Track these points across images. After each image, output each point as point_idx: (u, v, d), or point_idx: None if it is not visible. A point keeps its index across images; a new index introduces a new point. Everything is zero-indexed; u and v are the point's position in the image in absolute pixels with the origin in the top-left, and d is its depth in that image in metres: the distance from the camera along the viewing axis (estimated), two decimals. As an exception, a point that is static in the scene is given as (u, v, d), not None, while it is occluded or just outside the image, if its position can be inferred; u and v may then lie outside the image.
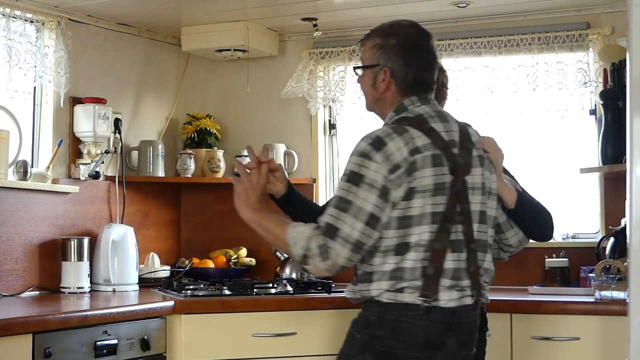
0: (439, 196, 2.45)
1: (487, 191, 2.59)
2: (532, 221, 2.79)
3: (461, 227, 2.49)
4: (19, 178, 3.95)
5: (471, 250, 2.51)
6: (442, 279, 2.44)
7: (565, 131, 4.40)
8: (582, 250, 4.15)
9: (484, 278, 2.58)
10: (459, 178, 2.50)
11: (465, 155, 2.54)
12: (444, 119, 2.56)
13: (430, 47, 2.63)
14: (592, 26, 4.23)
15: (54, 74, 4.09)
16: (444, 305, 2.44)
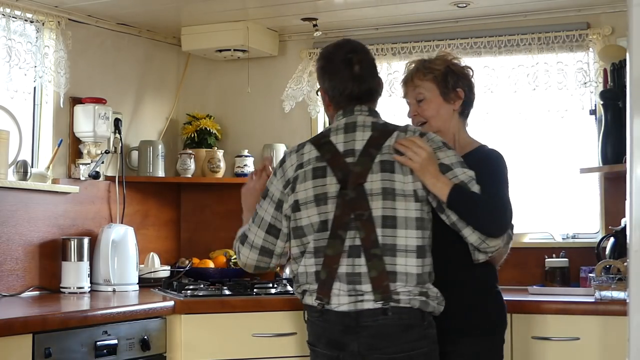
0: (324, 205, 2.65)
1: (395, 194, 2.62)
2: (469, 214, 2.69)
3: (358, 233, 2.59)
4: (19, 178, 3.95)
5: (374, 256, 2.57)
6: (335, 283, 2.60)
7: (565, 131, 4.40)
8: (582, 250, 4.15)
9: (397, 283, 2.58)
10: (350, 186, 2.63)
11: (364, 162, 2.65)
12: (351, 130, 2.72)
13: (353, 61, 2.77)
14: (592, 26, 4.23)
15: (54, 74, 4.09)
16: (336, 309, 2.60)
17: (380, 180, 2.63)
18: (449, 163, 2.70)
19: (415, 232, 2.61)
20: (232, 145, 4.89)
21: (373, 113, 2.82)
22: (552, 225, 4.38)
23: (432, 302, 2.64)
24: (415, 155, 2.64)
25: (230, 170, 4.76)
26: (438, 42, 4.49)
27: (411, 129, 2.77)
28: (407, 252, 2.59)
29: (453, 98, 2.98)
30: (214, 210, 4.83)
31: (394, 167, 2.65)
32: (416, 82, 2.98)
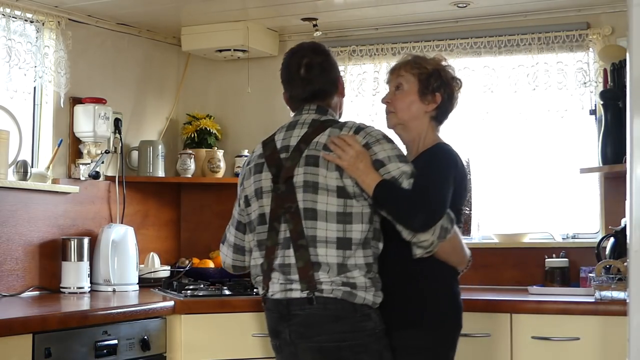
0: (262, 199, 2.81)
1: (317, 187, 2.70)
2: (392, 209, 2.70)
3: (288, 226, 2.72)
4: (19, 178, 3.95)
5: (300, 247, 2.69)
6: (274, 273, 2.75)
7: (565, 131, 4.40)
8: (582, 250, 4.15)
9: (320, 273, 2.66)
10: (282, 180, 2.76)
11: (294, 157, 2.77)
12: (292, 127, 2.85)
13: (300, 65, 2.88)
14: (592, 26, 4.23)
15: (54, 74, 4.09)
16: (271, 297, 2.76)
17: (303, 174, 2.73)
18: (383, 158, 2.73)
19: (335, 225, 2.68)
20: (232, 145, 4.89)
21: (321, 111, 2.88)
22: (552, 225, 4.38)
23: (360, 292, 2.68)
24: (343, 153, 2.70)
25: (230, 170, 4.76)
26: (438, 42, 4.49)
27: (349, 125, 2.81)
28: (327, 243, 2.67)
29: (429, 100, 2.96)
30: (214, 210, 4.83)
31: (318, 161, 2.74)
32: (401, 72, 2.99)
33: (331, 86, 2.93)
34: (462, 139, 4.59)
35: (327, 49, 2.98)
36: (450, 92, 3.00)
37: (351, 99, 4.63)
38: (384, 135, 2.81)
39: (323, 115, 2.87)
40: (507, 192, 4.57)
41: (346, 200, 2.70)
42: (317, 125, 2.82)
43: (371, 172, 2.70)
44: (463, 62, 4.45)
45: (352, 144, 2.71)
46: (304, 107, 2.89)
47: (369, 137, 2.77)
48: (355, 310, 2.67)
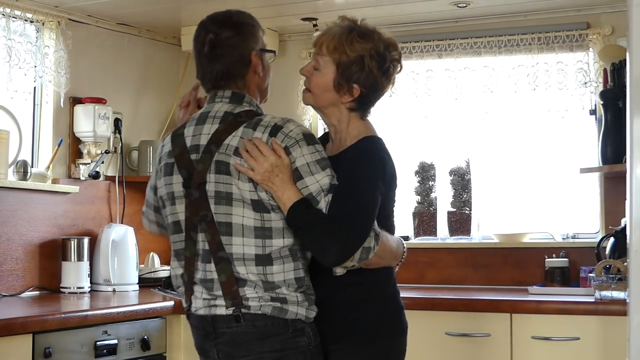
0: (175, 205, 2.49)
1: (231, 199, 2.38)
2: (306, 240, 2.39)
3: (205, 236, 2.42)
4: (19, 178, 3.95)
5: (221, 259, 2.39)
6: (196, 286, 2.46)
7: (565, 131, 4.40)
8: (582, 250, 4.15)
9: (246, 288, 2.37)
10: (195, 185, 2.43)
11: (205, 160, 2.43)
12: (202, 121, 2.49)
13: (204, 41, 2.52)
14: (592, 26, 4.23)
15: (54, 74, 4.09)
16: (195, 312, 2.48)
17: (214, 183, 2.40)
18: (301, 166, 2.38)
19: (254, 240, 2.37)
20: (232, 145, 4.88)
21: (235, 99, 2.49)
22: (552, 225, 4.38)
23: (291, 307, 2.39)
24: (256, 164, 2.34)
25: (230, 170, 4.76)
26: (438, 42, 4.49)
27: (264, 123, 2.42)
28: (244, 261, 2.37)
29: (344, 91, 2.55)
30: (214, 210, 4.82)
31: (230, 169, 2.39)
32: (322, 49, 2.57)
33: (239, 66, 2.50)
34: (462, 139, 4.60)
35: (241, 20, 2.59)
36: (373, 83, 2.56)
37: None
38: (304, 135, 2.42)
39: (237, 106, 2.47)
40: (507, 192, 4.57)
41: (263, 215, 2.37)
42: (229, 120, 2.43)
43: (287, 188, 2.35)
44: (463, 62, 4.45)
45: (267, 154, 2.34)
46: (217, 94, 2.51)
47: (287, 139, 2.39)
48: (287, 326, 2.39)
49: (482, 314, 3.67)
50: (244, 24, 2.59)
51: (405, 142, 4.72)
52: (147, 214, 2.73)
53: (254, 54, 2.52)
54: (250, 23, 2.61)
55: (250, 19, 2.64)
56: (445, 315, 3.74)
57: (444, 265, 4.45)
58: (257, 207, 2.37)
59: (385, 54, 2.57)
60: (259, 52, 2.55)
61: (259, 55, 2.54)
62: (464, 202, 4.48)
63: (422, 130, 4.67)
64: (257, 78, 2.54)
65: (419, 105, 4.52)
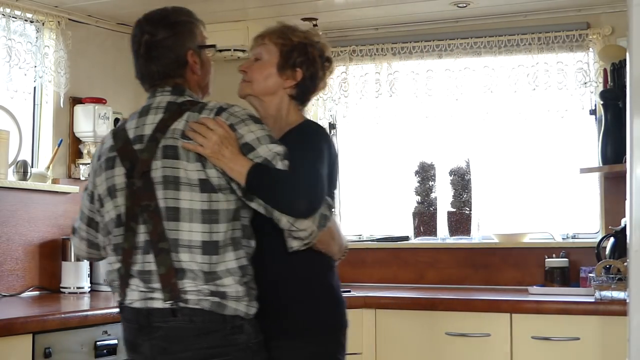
0: (117, 198, 2.44)
1: (179, 183, 2.35)
2: (270, 194, 2.36)
3: (147, 227, 2.37)
4: (19, 178, 3.95)
5: (161, 250, 2.34)
6: (132, 279, 2.40)
7: (565, 131, 4.40)
8: (582, 250, 4.15)
9: (185, 281, 2.32)
10: (138, 175, 2.40)
11: (150, 148, 2.40)
12: (145, 113, 2.49)
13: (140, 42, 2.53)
14: (592, 26, 4.23)
15: (54, 74, 4.09)
16: (129, 305, 2.41)
17: (161, 168, 2.37)
18: (251, 140, 2.38)
19: (200, 225, 2.33)
20: (232, 145, 4.87)
21: (177, 91, 2.49)
22: (552, 225, 4.38)
23: (231, 303, 2.34)
24: (204, 140, 2.35)
25: (230, 170, 4.76)
26: (438, 42, 4.49)
27: (209, 107, 2.43)
28: (191, 248, 2.33)
29: (287, 75, 2.62)
30: (214, 210, 4.82)
31: (178, 152, 2.37)
32: (265, 40, 2.65)
33: (175, 67, 2.50)
34: (462, 139, 4.61)
35: (177, 19, 2.57)
36: (314, 71, 2.64)
37: (355, 102, 4.63)
38: (250, 115, 2.44)
39: (180, 97, 2.47)
40: (507, 192, 4.57)
41: (211, 195, 2.34)
42: (173, 109, 2.43)
43: (239, 158, 2.35)
44: (463, 62, 4.45)
45: (214, 128, 2.35)
46: (157, 90, 2.51)
47: (233, 117, 2.40)
48: (225, 322, 2.33)
49: (482, 314, 3.67)
50: (180, 22, 2.56)
51: (405, 142, 4.72)
52: (79, 231, 2.66)
53: (190, 53, 2.51)
54: (186, 21, 2.58)
55: (188, 15, 2.60)
56: (445, 315, 3.74)
57: (444, 265, 4.45)
58: (205, 187, 2.34)
59: (322, 48, 2.68)
60: (197, 50, 2.53)
61: (196, 54, 2.53)
62: (464, 202, 4.48)
63: (422, 130, 4.67)
64: (196, 77, 2.54)
65: (419, 106, 4.52)
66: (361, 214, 4.80)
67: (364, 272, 4.56)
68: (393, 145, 4.74)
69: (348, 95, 4.65)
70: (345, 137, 4.83)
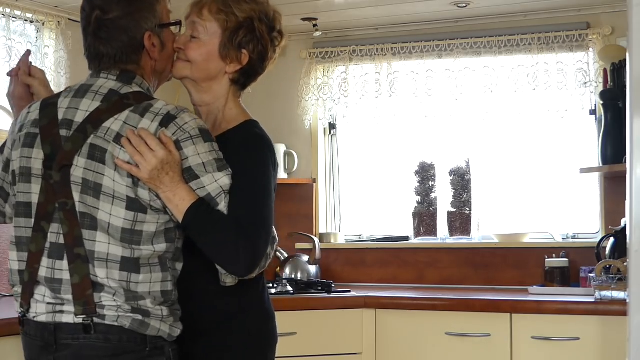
0: (30, 184, 2.12)
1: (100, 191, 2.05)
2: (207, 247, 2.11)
3: (62, 228, 2.07)
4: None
5: (77, 257, 2.05)
6: (37, 287, 2.11)
7: (565, 131, 4.40)
8: (582, 250, 4.15)
9: (103, 294, 2.05)
10: (57, 167, 2.08)
11: (76, 140, 2.08)
12: (82, 94, 2.14)
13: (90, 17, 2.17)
14: (592, 26, 4.23)
15: (54, 74, 4.09)
16: (34, 319, 2.13)
17: (83, 168, 2.06)
18: (195, 165, 2.09)
19: (120, 243, 2.05)
20: (232, 145, 4.87)
21: (124, 78, 2.16)
22: (552, 225, 4.38)
23: (154, 322, 2.09)
24: (142, 161, 2.03)
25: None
26: (438, 42, 4.49)
27: (155, 109, 2.09)
28: (107, 262, 2.04)
29: (231, 58, 2.28)
30: (214, 210, 4.82)
31: (105, 158, 2.06)
32: (204, 13, 2.27)
33: (128, 51, 2.16)
34: (462, 139, 4.61)
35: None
36: (262, 50, 2.30)
37: (355, 102, 4.63)
38: (200, 130, 2.11)
39: (125, 86, 2.14)
40: (507, 192, 4.57)
41: (137, 215, 2.05)
42: (114, 100, 2.10)
43: (180, 187, 2.06)
44: (463, 62, 4.45)
45: (155, 149, 2.03)
46: (102, 69, 2.17)
47: (181, 132, 2.08)
48: (145, 344, 2.07)
49: (482, 314, 3.67)
50: None
51: (405, 142, 4.72)
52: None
53: (147, 36, 2.16)
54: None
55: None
56: (445, 315, 3.75)
57: (444, 265, 4.45)
58: (133, 205, 2.06)
59: (274, 19, 2.33)
60: (156, 32, 2.18)
61: (156, 35, 2.18)
62: (464, 202, 4.48)
63: (422, 130, 4.67)
64: (153, 62, 2.21)
65: (419, 105, 4.52)
66: (361, 214, 4.80)
67: (364, 272, 4.56)
68: (393, 145, 4.74)
69: (348, 95, 4.65)
70: (345, 137, 4.83)
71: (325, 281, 4.16)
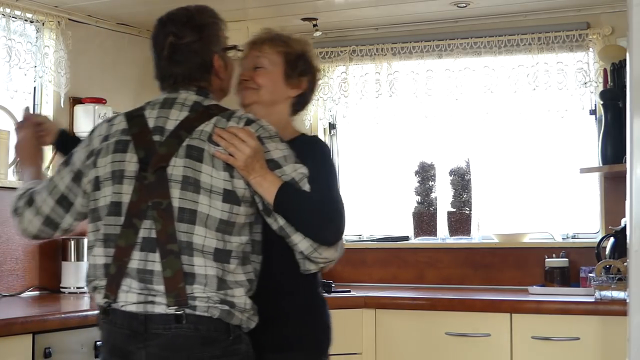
0: (122, 185, 2.30)
1: (199, 186, 2.25)
2: (299, 218, 2.32)
3: (154, 224, 2.24)
4: (19, 178, 3.94)
5: (170, 252, 2.21)
6: (125, 279, 2.24)
7: (565, 131, 4.40)
8: (582, 250, 4.15)
9: (195, 287, 2.21)
10: (152, 169, 2.28)
11: (171, 144, 2.30)
12: (168, 106, 2.39)
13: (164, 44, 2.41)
14: (592, 26, 4.23)
15: (54, 74, 4.09)
16: (122, 308, 2.24)
17: (182, 167, 2.27)
18: (278, 157, 2.34)
19: (215, 233, 2.24)
20: (232, 145, 4.88)
21: (202, 92, 2.42)
22: (552, 225, 4.38)
23: (238, 313, 2.26)
24: (236, 151, 2.27)
25: (230, 170, 4.76)
26: (438, 42, 4.49)
27: (238, 115, 2.38)
28: (204, 253, 2.23)
29: (294, 84, 2.58)
30: (214, 210, 4.82)
31: (203, 156, 2.28)
32: (265, 48, 2.58)
33: (201, 71, 2.42)
34: (462, 139, 4.61)
35: (204, 21, 2.46)
36: (313, 80, 2.64)
37: (355, 102, 4.63)
38: (276, 132, 2.39)
39: (205, 99, 2.41)
40: (507, 192, 4.57)
41: (232, 207, 2.26)
42: (200, 110, 2.35)
43: (269, 173, 2.30)
44: (463, 62, 4.45)
45: (246, 140, 2.28)
46: (180, 87, 2.43)
47: (263, 130, 2.35)
48: (229, 332, 2.25)
49: (482, 314, 3.67)
50: (207, 25, 2.46)
51: (405, 142, 4.72)
52: (39, 204, 2.48)
53: (216, 57, 2.44)
54: (212, 22, 2.49)
55: (213, 17, 2.52)
56: (445, 315, 3.75)
57: (443, 265, 4.45)
58: (228, 197, 2.26)
59: (314, 58, 2.67)
60: (222, 54, 2.47)
61: (221, 57, 2.46)
62: (464, 202, 4.48)
63: (422, 130, 4.67)
64: (219, 80, 2.48)
65: (419, 105, 4.52)
66: (361, 214, 4.80)
67: (364, 272, 4.56)
68: (393, 145, 4.74)
69: (348, 95, 4.65)
70: (345, 137, 4.83)
71: (325, 281, 4.15)
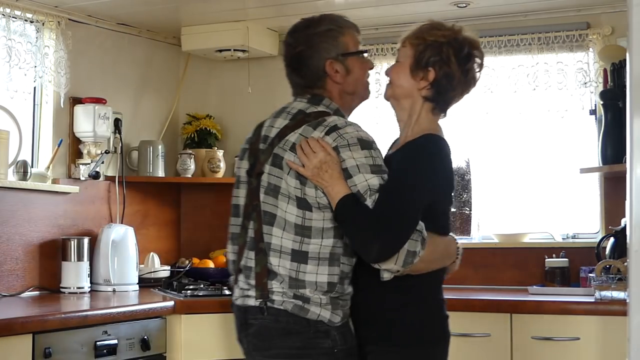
0: (239, 189, 2.62)
1: (278, 192, 2.46)
2: (349, 234, 2.44)
3: (254, 225, 2.51)
4: (19, 178, 3.95)
5: (260, 250, 2.48)
6: (240, 275, 2.56)
7: (565, 131, 4.40)
8: (582, 250, 4.15)
9: (274, 282, 2.45)
10: (254, 174, 2.55)
11: (267, 152, 2.53)
12: (279, 114, 2.60)
13: (285, 54, 2.66)
14: (592, 26, 4.23)
15: (54, 74, 4.09)
16: (234, 302, 2.59)
17: (268, 174, 2.50)
18: (350, 166, 2.42)
19: (292, 235, 2.44)
20: (232, 145, 4.88)
21: (314, 100, 2.57)
22: (552, 225, 4.38)
23: (313, 307, 2.43)
24: (307, 160, 2.43)
25: (230, 170, 4.76)
26: (438, 42, 4.48)
27: (326, 123, 2.48)
28: (280, 253, 2.44)
29: (420, 75, 2.57)
30: (214, 210, 4.83)
31: (282, 163, 2.49)
32: (406, 42, 2.63)
33: (314, 78, 2.58)
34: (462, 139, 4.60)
35: (317, 30, 2.60)
36: (448, 70, 2.55)
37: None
38: (359, 139, 2.45)
39: (312, 106, 2.55)
40: (507, 192, 4.57)
41: (305, 212, 2.43)
42: (298, 118, 2.52)
43: (337, 183, 2.41)
44: (463, 62, 4.44)
45: (317, 151, 2.42)
46: (297, 95, 2.64)
47: (340, 139, 2.45)
48: (309, 326, 2.42)
49: (482, 314, 3.67)
50: (318, 33, 2.60)
51: (405, 142, 4.71)
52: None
53: (328, 63, 2.58)
54: (326, 30, 2.62)
55: (332, 23, 2.65)
56: (445, 315, 3.74)
57: (444, 265, 4.44)
58: (301, 204, 2.44)
59: (463, 45, 2.58)
60: (337, 59, 2.58)
61: (339, 62, 2.58)
62: (464, 202, 4.48)
63: (422, 130, 4.66)
64: (338, 85, 2.59)
65: (419, 105, 4.51)
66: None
67: (364, 272, 4.56)
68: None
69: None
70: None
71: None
